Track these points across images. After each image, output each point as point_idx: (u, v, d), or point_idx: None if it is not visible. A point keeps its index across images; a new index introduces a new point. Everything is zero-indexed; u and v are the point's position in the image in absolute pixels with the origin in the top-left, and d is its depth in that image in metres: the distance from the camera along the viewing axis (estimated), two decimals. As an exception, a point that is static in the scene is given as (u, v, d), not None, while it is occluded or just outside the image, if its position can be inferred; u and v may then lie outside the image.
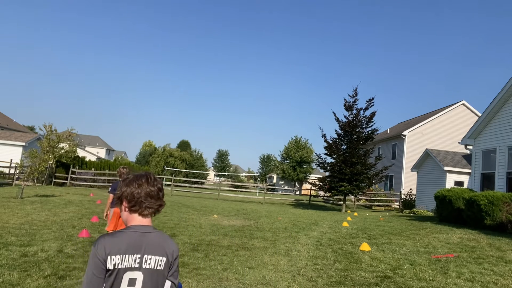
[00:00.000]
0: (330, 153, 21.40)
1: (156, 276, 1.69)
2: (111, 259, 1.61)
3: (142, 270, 1.67)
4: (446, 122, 29.65)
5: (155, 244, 1.72)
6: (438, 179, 21.78)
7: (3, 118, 48.57)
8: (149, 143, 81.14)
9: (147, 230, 1.74)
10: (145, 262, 1.68)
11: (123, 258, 1.64)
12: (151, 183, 1.78)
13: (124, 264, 1.63)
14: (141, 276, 1.66)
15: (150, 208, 1.76)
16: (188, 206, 16.76)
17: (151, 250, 1.70)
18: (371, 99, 20.90)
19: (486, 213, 11.01)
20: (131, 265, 1.65)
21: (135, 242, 1.68)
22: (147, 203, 1.75)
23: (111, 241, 1.65)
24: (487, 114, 14.00)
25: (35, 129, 71.56)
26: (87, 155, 48.49)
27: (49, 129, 23.51)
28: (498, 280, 5.78)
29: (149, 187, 1.76)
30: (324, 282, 5.47)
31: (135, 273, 1.65)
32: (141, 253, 1.68)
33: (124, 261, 1.64)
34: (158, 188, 1.79)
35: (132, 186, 1.75)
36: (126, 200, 1.76)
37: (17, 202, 12.69)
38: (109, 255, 1.62)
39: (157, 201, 1.78)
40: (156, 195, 1.78)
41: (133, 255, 1.66)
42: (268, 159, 75.55)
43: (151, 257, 1.69)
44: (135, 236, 1.70)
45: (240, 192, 35.74)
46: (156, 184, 1.79)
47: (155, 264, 1.70)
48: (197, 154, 53.24)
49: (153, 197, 1.77)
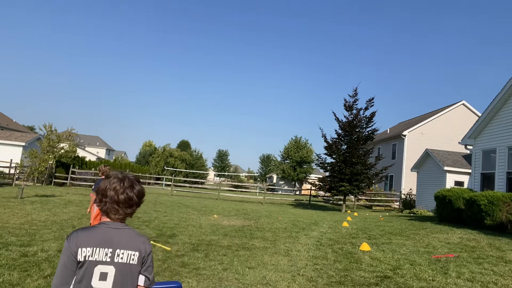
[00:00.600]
0: (330, 153, 21.40)
1: (129, 270, 1.71)
2: (81, 251, 1.65)
3: (114, 264, 1.68)
4: (446, 122, 29.64)
5: (128, 239, 1.74)
6: (438, 179, 21.77)
7: (3, 118, 48.56)
8: (149, 143, 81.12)
9: (119, 226, 1.77)
10: (117, 256, 1.69)
11: (94, 251, 1.66)
12: (121, 190, 1.76)
13: (94, 257, 1.66)
14: (113, 270, 1.68)
15: (115, 214, 1.77)
16: (188, 206, 16.76)
17: (123, 245, 1.72)
18: (371, 99, 20.91)
19: (486, 213, 11.01)
20: (102, 259, 1.67)
21: (107, 237, 1.71)
22: (113, 210, 1.76)
23: (83, 235, 1.69)
24: (487, 114, 14.00)
25: (35, 129, 71.54)
26: (87, 155, 48.48)
27: (49, 129, 23.50)
28: (498, 280, 5.78)
29: (120, 196, 1.75)
30: (324, 282, 5.47)
31: (107, 267, 1.67)
32: (113, 248, 1.70)
33: (95, 254, 1.66)
34: (128, 197, 1.76)
35: (106, 190, 1.76)
36: (98, 201, 1.79)
37: (17, 202, 12.69)
38: (80, 247, 1.65)
39: (126, 209, 1.77)
40: (125, 203, 1.76)
41: (104, 249, 1.68)
42: (268, 159, 75.53)
43: (123, 252, 1.71)
44: (108, 231, 1.73)
45: (240, 192, 35.73)
46: (127, 192, 1.76)
47: (128, 259, 1.71)
48: (197, 154, 53.20)
49: (120, 205, 1.76)
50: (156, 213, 12.67)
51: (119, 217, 1.78)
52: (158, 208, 14.66)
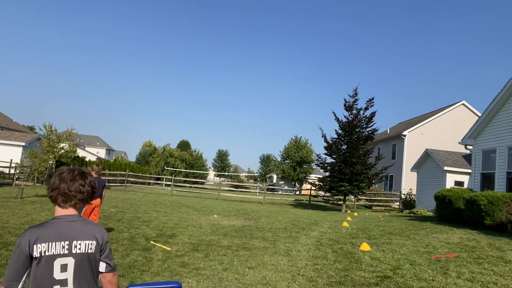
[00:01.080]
0: (330, 153, 21.40)
1: (88, 259, 1.79)
2: (37, 248, 1.69)
3: (72, 255, 1.75)
4: (446, 122, 29.63)
5: (83, 229, 1.81)
6: (438, 179, 21.77)
7: (3, 118, 48.56)
8: (149, 143, 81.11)
9: (73, 218, 1.82)
10: (74, 248, 1.76)
11: (49, 246, 1.71)
12: (73, 177, 1.85)
13: (51, 251, 1.71)
14: (72, 261, 1.75)
15: (66, 202, 1.83)
16: (188, 206, 16.76)
17: (79, 236, 1.79)
18: (371, 99, 20.91)
19: (486, 213, 11.01)
20: (59, 252, 1.73)
21: (62, 231, 1.76)
22: (76, 199, 1.83)
23: (36, 232, 1.73)
24: (487, 114, 14.00)
25: (35, 129, 71.53)
26: (87, 155, 48.50)
27: (49, 129, 23.51)
28: (498, 280, 5.78)
29: (69, 183, 1.83)
30: (324, 282, 5.47)
31: (66, 259, 1.74)
32: (70, 239, 1.76)
33: (51, 248, 1.72)
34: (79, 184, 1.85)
35: (55, 179, 1.85)
36: (48, 190, 1.86)
37: (17, 202, 12.69)
38: (35, 243, 1.69)
39: (76, 196, 1.84)
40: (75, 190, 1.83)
41: (60, 242, 1.74)
42: (268, 159, 75.52)
43: (80, 242, 1.78)
44: (62, 224, 1.78)
45: (240, 192, 35.73)
46: (77, 180, 1.85)
47: (85, 248, 1.79)
48: (197, 154, 53.19)
49: (84, 194, 1.86)
50: (156, 213, 12.67)
51: (68, 204, 1.83)
52: (158, 208, 14.67)
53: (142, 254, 6.49)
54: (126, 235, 8.10)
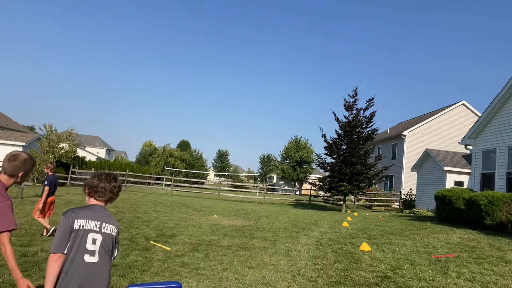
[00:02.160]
0: (330, 153, 21.40)
1: (110, 239, 2.33)
2: (77, 222, 2.23)
3: (101, 233, 2.29)
4: (446, 122, 29.63)
5: (109, 217, 2.39)
6: (438, 179, 21.77)
7: (3, 118, 48.55)
8: (149, 143, 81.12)
9: (103, 209, 2.42)
10: (103, 228, 2.31)
11: (87, 222, 2.26)
12: (109, 180, 2.45)
13: (87, 226, 2.25)
14: (100, 238, 2.28)
15: (101, 197, 2.42)
16: (188, 206, 16.76)
17: (107, 220, 2.35)
18: (371, 99, 20.90)
19: (486, 213, 11.01)
20: (93, 228, 2.26)
21: (96, 213, 2.33)
22: (107, 195, 2.43)
23: (78, 211, 2.30)
24: (487, 114, 14.00)
25: (35, 129, 71.55)
26: (87, 155, 48.49)
27: (49, 129, 23.54)
28: (498, 280, 5.78)
29: (106, 183, 2.43)
30: (324, 282, 5.47)
31: (96, 235, 2.27)
32: (101, 221, 2.31)
33: (88, 224, 2.25)
34: (113, 186, 2.45)
35: (101, 181, 2.43)
36: (87, 187, 2.44)
37: (17, 202, 12.70)
38: (76, 218, 2.24)
39: (109, 194, 2.45)
40: (109, 190, 2.44)
41: (94, 221, 2.29)
42: (268, 159, 75.51)
43: (107, 225, 2.33)
44: (96, 210, 2.36)
45: (240, 192, 35.72)
46: (111, 182, 2.46)
47: (110, 230, 2.34)
48: (197, 154, 53.18)
49: (113, 193, 2.46)
50: (156, 213, 12.67)
51: (102, 199, 2.43)
52: (158, 208, 14.66)
53: (142, 254, 6.49)
54: (126, 235, 8.10)
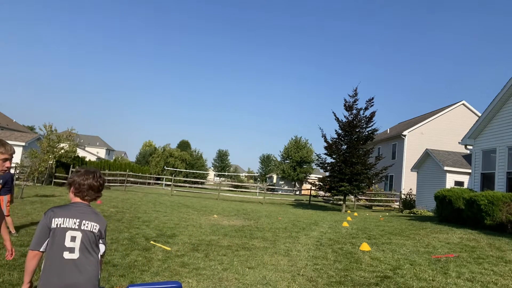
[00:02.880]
0: (330, 153, 21.39)
1: (92, 236, 2.33)
2: (55, 220, 2.26)
3: (81, 231, 2.29)
4: (446, 122, 29.64)
5: (92, 214, 2.38)
6: (438, 179, 21.77)
7: (3, 118, 48.55)
8: (149, 143, 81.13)
9: (85, 206, 2.41)
10: (83, 225, 2.31)
11: (64, 220, 2.28)
12: (95, 178, 2.43)
13: (65, 224, 2.27)
14: (80, 235, 2.29)
15: (89, 197, 2.42)
16: (188, 206, 16.76)
17: (88, 217, 2.35)
18: (371, 99, 20.91)
19: (486, 213, 11.01)
20: (71, 226, 2.28)
21: (75, 212, 2.34)
22: (88, 193, 2.40)
23: (57, 210, 2.31)
24: (487, 114, 14.00)
25: (35, 129, 71.55)
26: (87, 155, 48.50)
27: (49, 129, 23.53)
28: (498, 280, 5.78)
29: (93, 181, 2.41)
30: (324, 282, 5.47)
31: (75, 232, 2.28)
32: (80, 219, 2.31)
33: (65, 222, 2.27)
34: (99, 183, 2.44)
35: (80, 178, 2.40)
36: (73, 187, 2.40)
37: (17, 202, 12.69)
38: (54, 217, 2.26)
39: (96, 194, 2.45)
40: (97, 189, 2.43)
41: (73, 219, 2.30)
42: (268, 159, 75.55)
43: (88, 222, 2.33)
44: (77, 208, 2.37)
45: (240, 192, 35.72)
46: (99, 180, 2.44)
47: (91, 228, 2.33)
48: (197, 154, 53.19)
49: (93, 190, 2.42)
50: (156, 213, 12.67)
51: (89, 199, 2.42)
52: (158, 208, 14.66)
53: (142, 254, 6.49)
54: (126, 235, 8.10)
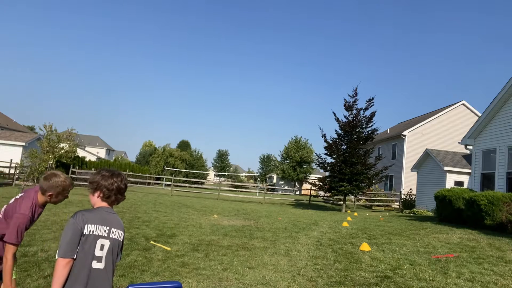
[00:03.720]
0: (330, 153, 21.40)
1: (117, 245, 2.23)
2: (88, 227, 2.12)
3: (109, 239, 2.18)
4: (446, 122, 29.64)
5: (118, 221, 2.27)
6: (438, 179, 21.77)
7: (3, 118, 48.56)
8: (149, 143, 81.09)
9: (111, 211, 2.29)
10: (112, 233, 2.20)
11: (97, 227, 2.15)
12: (123, 181, 2.30)
13: (97, 232, 2.14)
14: (108, 243, 2.18)
15: (117, 201, 2.31)
16: (188, 206, 16.76)
17: (116, 225, 2.24)
18: (371, 99, 20.92)
19: (486, 213, 11.01)
20: (102, 234, 2.16)
21: (105, 218, 2.21)
22: (116, 197, 2.28)
23: (88, 214, 2.17)
24: (487, 114, 14.00)
25: (35, 129, 71.51)
26: (87, 155, 48.48)
27: (49, 129, 23.54)
28: (498, 280, 5.78)
29: (121, 184, 2.29)
30: (324, 282, 5.47)
31: (105, 240, 2.17)
32: (110, 226, 2.20)
33: (98, 230, 2.15)
34: (125, 186, 2.33)
35: (108, 181, 2.25)
36: (101, 192, 2.25)
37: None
38: (87, 223, 2.12)
39: (123, 197, 2.34)
40: (123, 192, 2.33)
41: (104, 227, 2.18)
42: (268, 159, 75.51)
43: (116, 230, 2.23)
44: (105, 214, 2.23)
45: (240, 192, 35.72)
46: (125, 182, 2.32)
47: (118, 236, 2.23)
48: (197, 154, 53.17)
49: (122, 193, 2.31)
50: (156, 213, 12.67)
51: (116, 203, 2.32)
52: (158, 208, 14.66)
53: (142, 254, 6.49)
54: (126, 235, 8.10)
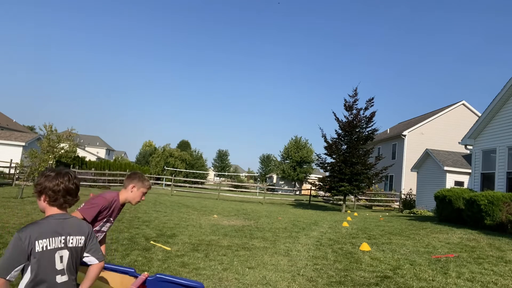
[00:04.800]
0: (330, 153, 21.40)
1: (79, 252, 2.09)
2: (39, 243, 1.92)
3: (67, 249, 2.02)
4: (446, 122, 29.65)
5: (74, 226, 2.09)
6: (438, 179, 21.78)
7: (3, 118, 48.56)
8: (149, 143, 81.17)
9: (65, 217, 2.08)
10: (69, 242, 2.03)
11: (50, 241, 1.96)
12: (71, 180, 2.09)
13: (52, 245, 1.96)
14: (67, 253, 2.02)
15: (67, 203, 2.09)
16: (188, 206, 16.76)
17: (73, 231, 2.07)
18: (371, 99, 20.92)
19: (486, 213, 11.01)
20: (58, 245, 1.99)
21: (58, 227, 2.02)
22: (65, 199, 2.07)
23: (37, 229, 1.95)
24: (487, 114, 14.00)
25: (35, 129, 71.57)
26: (87, 155, 48.51)
27: (49, 129, 23.49)
28: (498, 280, 5.78)
29: (69, 184, 2.07)
30: (324, 282, 5.47)
31: (63, 251, 2.01)
32: (65, 235, 2.02)
33: (52, 243, 1.97)
34: (76, 185, 2.11)
35: (53, 182, 2.03)
36: (46, 195, 2.04)
37: (17, 202, 12.69)
38: (37, 240, 1.91)
39: (74, 198, 2.12)
40: (74, 192, 2.11)
41: (59, 237, 2.00)
42: (268, 159, 75.56)
43: (73, 238, 2.06)
44: (57, 222, 2.03)
45: (240, 192, 35.73)
46: (74, 181, 2.11)
47: (76, 243, 2.07)
48: (197, 154, 53.21)
49: (72, 194, 2.10)
50: (156, 213, 12.67)
51: (67, 206, 2.11)
52: (158, 208, 14.66)
53: (142, 254, 6.49)
54: (126, 235, 8.10)
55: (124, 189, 3.15)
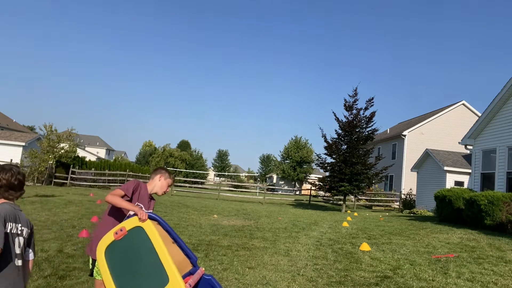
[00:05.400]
0: (330, 153, 21.40)
1: (25, 243, 2.26)
2: (8, 225, 2.11)
3: (22, 236, 2.22)
4: (446, 122, 29.64)
5: (24, 219, 2.28)
6: (438, 179, 21.78)
7: (3, 118, 48.57)
8: (149, 143, 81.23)
9: (17, 207, 2.27)
10: (21, 231, 2.22)
11: (14, 226, 2.15)
12: (14, 176, 2.23)
13: (14, 230, 2.15)
14: (22, 240, 2.22)
15: (12, 196, 2.25)
16: (188, 206, 16.76)
17: (23, 223, 2.25)
18: (371, 99, 20.92)
19: (486, 213, 11.02)
20: (18, 232, 2.18)
21: (16, 215, 2.20)
22: (8, 193, 2.22)
23: (4, 210, 2.11)
24: (487, 114, 14.00)
25: (35, 129, 71.54)
26: (87, 155, 48.50)
27: (49, 129, 23.55)
28: (498, 280, 5.78)
29: (12, 180, 2.21)
30: (324, 282, 5.47)
31: (20, 238, 2.20)
32: (20, 224, 2.22)
33: (14, 228, 2.15)
34: (19, 181, 2.26)
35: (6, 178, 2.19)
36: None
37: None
38: (8, 221, 2.11)
39: (18, 191, 2.28)
40: (17, 187, 2.26)
41: (17, 224, 2.19)
42: (268, 159, 75.57)
43: (24, 228, 2.24)
44: (13, 210, 2.20)
45: (240, 192, 35.73)
46: (18, 177, 2.26)
47: (25, 233, 2.25)
48: (197, 154, 53.28)
49: (14, 189, 2.24)
50: (156, 213, 12.67)
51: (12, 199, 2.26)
52: (158, 208, 14.66)
53: (142, 254, 6.49)
54: (126, 235, 8.10)
55: (151, 179, 3.39)
